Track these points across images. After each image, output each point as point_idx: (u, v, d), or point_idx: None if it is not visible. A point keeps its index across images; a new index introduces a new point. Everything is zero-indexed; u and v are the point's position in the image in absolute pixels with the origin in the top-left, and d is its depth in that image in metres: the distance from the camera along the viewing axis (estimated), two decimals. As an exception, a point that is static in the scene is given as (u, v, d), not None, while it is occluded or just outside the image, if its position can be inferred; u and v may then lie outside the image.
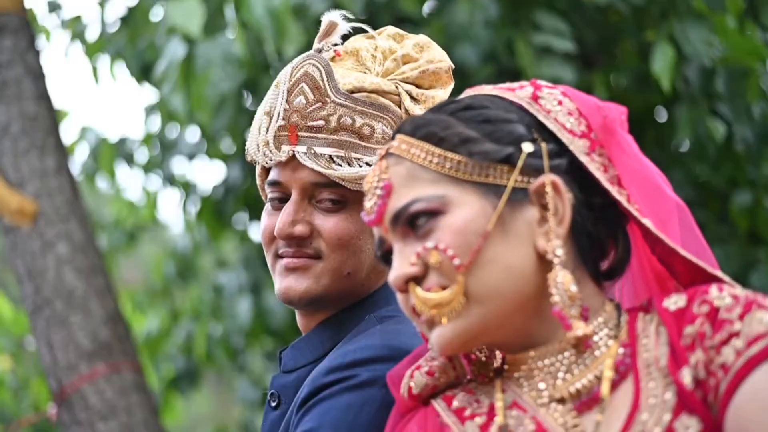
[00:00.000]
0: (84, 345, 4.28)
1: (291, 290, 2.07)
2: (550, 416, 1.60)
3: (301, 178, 2.06)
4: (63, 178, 4.47)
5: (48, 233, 4.38)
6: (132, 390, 4.34)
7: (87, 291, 4.35)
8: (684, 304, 1.60)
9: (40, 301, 4.33)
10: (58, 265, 4.35)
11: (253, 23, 4.07)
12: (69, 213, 4.43)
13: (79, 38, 5.85)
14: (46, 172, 4.44)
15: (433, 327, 1.62)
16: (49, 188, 4.42)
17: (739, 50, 4.67)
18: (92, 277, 4.38)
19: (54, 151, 4.49)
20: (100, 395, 4.27)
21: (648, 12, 4.74)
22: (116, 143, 6.17)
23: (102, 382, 4.27)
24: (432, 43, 2.16)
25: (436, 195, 1.63)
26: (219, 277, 6.48)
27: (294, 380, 2.12)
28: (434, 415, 1.69)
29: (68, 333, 4.29)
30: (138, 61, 5.43)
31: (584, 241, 1.66)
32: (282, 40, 4.08)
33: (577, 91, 1.74)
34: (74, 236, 4.40)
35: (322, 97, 2.04)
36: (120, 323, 4.41)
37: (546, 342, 1.64)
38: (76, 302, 4.32)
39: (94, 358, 4.28)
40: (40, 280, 4.33)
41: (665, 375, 1.56)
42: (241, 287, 6.25)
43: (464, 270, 1.59)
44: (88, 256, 4.40)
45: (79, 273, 4.36)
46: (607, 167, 1.68)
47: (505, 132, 1.65)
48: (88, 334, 4.30)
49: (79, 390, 4.25)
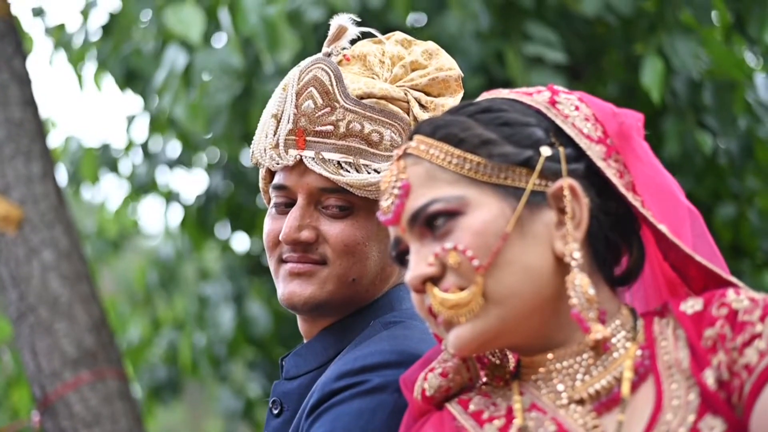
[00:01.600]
0: (69, 352, 4.24)
1: (295, 295, 2.06)
2: (570, 417, 1.60)
3: (308, 183, 2.05)
4: (48, 184, 4.43)
5: (33, 240, 4.34)
6: (116, 398, 4.30)
7: (72, 298, 4.31)
8: (701, 308, 1.61)
9: (24, 308, 4.29)
10: (43, 272, 4.31)
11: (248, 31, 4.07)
12: (54, 219, 4.39)
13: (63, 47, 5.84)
14: (32, 178, 4.40)
15: (451, 328, 1.62)
16: (35, 194, 4.39)
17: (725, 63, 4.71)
18: (77, 284, 4.35)
19: (40, 157, 4.46)
20: (85, 403, 4.23)
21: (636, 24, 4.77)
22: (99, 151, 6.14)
23: (86, 389, 4.23)
24: (441, 51, 2.15)
25: (455, 196, 1.63)
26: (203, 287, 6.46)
27: (297, 387, 2.11)
28: (450, 418, 1.69)
29: (53, 340, 4.25)
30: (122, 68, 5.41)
31: (600, 245, 1.67)
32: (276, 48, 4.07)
33: (593, 97, 1.76)
34: (59, 243, 4.36)
35: (331, 102, 2.04)
36: (105, 330, 4.37)
37: (563, 344, 1.64)
38: (60, 309, 4.28)
39: (79, 365, 4.24)
40: (25, 287, 4.30)
41: (688, 377, 1.57)
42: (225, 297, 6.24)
43: (483, 271, 1.59)
44: (73, 263, 4.37)
45: (64, 280, 4.32)
46: (623, 173, 1.69)
47: (524, 135, 1.66)
48: (72, 341, 4.26)
49: (63, 397, 4.20)
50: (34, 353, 4.28)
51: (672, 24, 4.51)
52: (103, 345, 4.33)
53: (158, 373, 6.67)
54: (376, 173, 2.03)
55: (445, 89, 2.10)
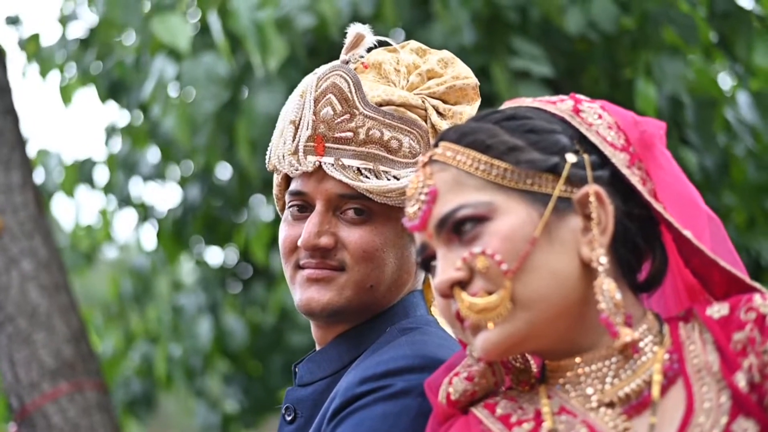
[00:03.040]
0: (47, 363, 4.21)
1: (313, 301, 2.06)
2: (601, 420, 1.62)
3: (327, 189, 2.05)
4: (28, 193, 4.40)
5: (12, 249, 4.30)
6: (95, 409, 4.27)
7: (51, 308, 4.28)
8: (727, 312, 1.64)
9: (2, 318, 4.25)
10: (22, 282, 4.27)
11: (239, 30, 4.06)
12: (33, 229, 4.36)
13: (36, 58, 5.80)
14: (11, 187, 4.37)
15: (478, 332, 1.64)
16: (14, 204, 4.35)
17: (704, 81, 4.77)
18: (56, 294, 4.32)
19: (19, 166, 4.42)
20: (63, 414, 4.20)
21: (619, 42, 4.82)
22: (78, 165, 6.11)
23: (65, 401, 4.20)
24: (456, 59, 2.17)
25: (483, 201, 1.65)
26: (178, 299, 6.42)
27: (311, 393, 2.11)
28: (476, 422, 1.70)
29: (31, 351, 4.21)
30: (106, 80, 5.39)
31: (624, 251, 1.69)
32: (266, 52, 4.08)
33: (615, 105, 1.78)
34: (39, 253, 4.33)
35: (351, 109, 2.05)
36: (83, 341, 4.34)
37: (589, 348, 1.66)
38: (39, 320, 4.24)
39: (57, 376, 4.21)
40: (4, 297, 4.26)
41: (718, 380, 1.60)
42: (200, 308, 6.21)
43: (512, 275, 1.61)
44: (52, 273, 4.34)
45: (42, 290, 4.29)
46: (645, 180, 1.72)
47: (551, 142, 1.68)
48: (51, 352, 4.22)
49: (41, 409, 4.17)
50: (12, 363, 4.24)
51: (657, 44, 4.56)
52: (82, 356, 4.30)
53: (133, 386, 6.61)
54: (395, 180, 2.04)
55: (463, 97, 2.12)
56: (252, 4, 4.08)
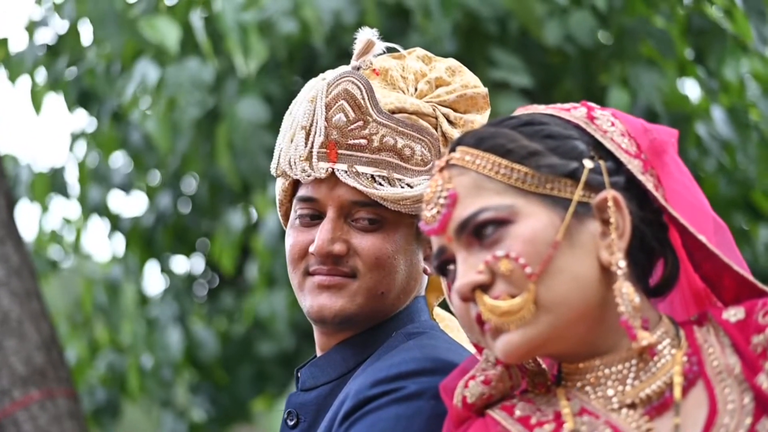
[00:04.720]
0: (18, 370, 4.16)
1: (325, 308, 2.06)
2: (623, 421, 1.64)
3: (339, 196, 2.05)
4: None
5: (-18, 255, 4.26)
6: (66, 417, 4.23)
7: (22, 315, 4.23)
8: (743, 316, 1.67)
9: (-27, 325, 4.21)
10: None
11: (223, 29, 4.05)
12: (5, 235, 4.31)
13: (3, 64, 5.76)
14: (-19, 193, 4.33)
15: (499, 335, 1.65)
16: (-15, 210, 4.31)
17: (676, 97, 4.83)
18: (27, 301, 4.27)
19: (-10, 172, 4.39)
20: (34, 422, 4.15)
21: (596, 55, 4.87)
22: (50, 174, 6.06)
23: (36, 408, 4.16)
24: (463, 68, 2.19)
25: (505, 205, 1.66)
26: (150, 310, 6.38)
27: (314, 398, 2.11)
28: (493, 423, 1.71)
29: (2, 357, 4.16)
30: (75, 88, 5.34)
31: (640, 256, 1.72)
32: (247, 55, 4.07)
33: (624, 113, 1.81)
34: (10, 259, 4.29)
35: (364, 116, 2.05)
36: (55, 349, 4.30)
37: (609, 351, 1.68)
38: (10, 326, 4.20)
39: (28, 383, 4.17)
40: (-26, 304, 4.22)
41: (740, 381, 1.62)
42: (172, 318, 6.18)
43: (536, 278, 1.62)
44: (23, 280, 4.29)
45: (14, 297, 4.24)
46: (657, 186, 1.74)
47: (569, 147, 1.71)
48: (22, 359, 4.18)
49: (12, 416, 4.13)
50: (-18, 370, 4.20)
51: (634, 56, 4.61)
52: (53, 363, 4.25)
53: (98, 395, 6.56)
54: (408, 188, 2.05)
55: (472, 106, 2.14)
56: (237, 4, 4.09)
